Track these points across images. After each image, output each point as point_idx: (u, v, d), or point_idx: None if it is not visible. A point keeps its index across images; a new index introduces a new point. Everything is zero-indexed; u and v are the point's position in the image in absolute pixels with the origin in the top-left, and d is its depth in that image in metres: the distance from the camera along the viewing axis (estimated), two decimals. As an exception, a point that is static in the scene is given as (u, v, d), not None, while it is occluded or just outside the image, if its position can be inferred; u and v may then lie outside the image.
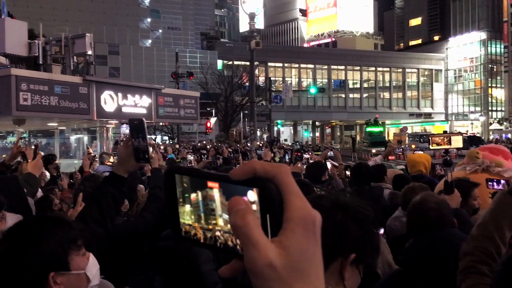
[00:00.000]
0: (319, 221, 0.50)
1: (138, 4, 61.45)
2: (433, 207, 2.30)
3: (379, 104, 70.64)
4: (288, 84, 47.51)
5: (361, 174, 4.60)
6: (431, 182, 4.44)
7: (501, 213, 1.60)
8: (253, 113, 28.39)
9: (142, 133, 1.83)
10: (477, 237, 1.62)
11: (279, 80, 62.95)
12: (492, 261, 1.52)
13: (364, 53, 73.35)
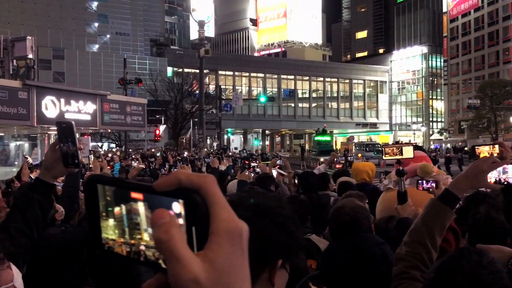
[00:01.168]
0: (246, 233, 0.49)
1: (85, 8, 59.72)
2: (348, 212, 2.37)
3: (327, 113, 72.17)
4: (238, 93, 47.63)
5: (308, 182, 4.64)
6: (375, 190, 4.53)
7: (432, 219, 1.62)
8: (202, 121, 28.16)
9: (71, 137, 1.75)
10: (409, 242, 1.63)
11: (230, 88, 63.00)
12: (424, 266, 1.54)
13: (313, 64, 74.89)
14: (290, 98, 69.71)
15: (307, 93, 71.64)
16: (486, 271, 1.19)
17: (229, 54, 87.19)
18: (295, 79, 70.13)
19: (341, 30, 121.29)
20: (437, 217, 1.63)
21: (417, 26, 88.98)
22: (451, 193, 1.65)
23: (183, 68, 53.84)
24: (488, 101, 52.06)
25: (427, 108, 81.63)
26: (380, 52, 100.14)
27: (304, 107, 71.09)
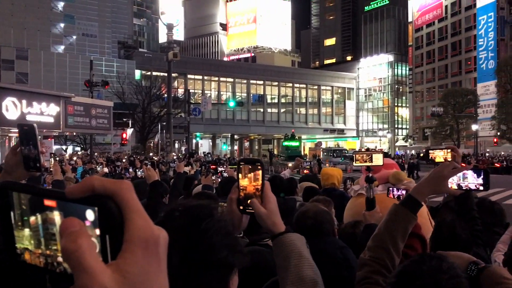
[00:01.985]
0: (164, 241, 0.48)
1: (50, 8, 58.30)
2: (310, 216, 2.42)
3: (295, 119, 72.74)
4: (207, 97, 47.40)
5: (276, 186, 4.62)
6: (342, 195, 4.56)
7: (395, 224, 1.63)
8: (170, 125, 27.91)
9: (33, 140, 1.68)
10: (372, 248, 1.64)
11: (199, 92, 62.68)
12: (387, 271, 1.54)
13: (282, 69, 75.44)
14: (259, 103, 69.94)
15: (276, 99, 72.06)
16: (446, 276, 1.20)
17: (198, 58, 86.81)
18: (264, 85, 70.42)
19: (310, 37, 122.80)
20: (400, 222, 1.63)
21: (383, 35, 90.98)
22: (413, 198, 1.66)
23: (152, 71, 53.23)
24: (450, 109, 53.62)
25: (393, 115, 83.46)
26: (348, 59, 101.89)
27: (273, 112, 71.45)
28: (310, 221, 2.42)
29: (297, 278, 1.29)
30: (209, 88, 66.58)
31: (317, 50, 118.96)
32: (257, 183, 1.34)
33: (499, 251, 2.77)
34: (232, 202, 1.36)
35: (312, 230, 2.39)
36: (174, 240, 0.89)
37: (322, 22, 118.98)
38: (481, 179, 1.85)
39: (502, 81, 47.63)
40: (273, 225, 1.35)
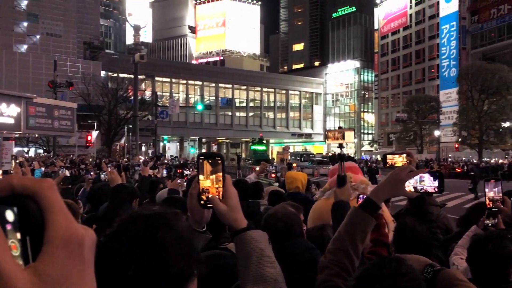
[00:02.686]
0: (90, 241, 0.46)
1: (13, 7, 56.63)
2: (280, 218, 2.44)
3: (264, 123, 73.01)
4: (175, 100, 47.00)
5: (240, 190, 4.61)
6: (306, 199, 4.59)
7: (354, 227, 1.66)
8: (136, 127, 27.54)
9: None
10: (333, 251, 1.66)
11: (166, 95, 62.15)
12: (347, 274, 1.56)
13: (251, 73, 75.65)
14: (228, 106, 69.88)
15: (245, 102, 72.18)
16: (404, 278, 1.21)
17: (166, 61, 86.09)
18: (232, 88, 70.43)
19: (278, 42, 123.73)
20: (359, 225, 1.66)
21: (350, 42, 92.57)
22: (371, 201, 1.69)
23: (118, 72, 52.38)
24: (414, 115, 54.97)
25: (359, 120, 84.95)
26: (315, 65, 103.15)
27: (241, 116, 71.52)
28: (281, 224, 2.42)
29: (258, 276, 1.27)
30: (177, 91, 66.10)
31: (286, 55, 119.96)
32: (217, 177, 1.32)
33: (456, 254, 2.84)
34: (192, 197, 1.34)
35: (282, 233, 2.40)
36: (128, 252, 0.92)
37: (290, 27, 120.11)
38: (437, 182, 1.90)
39: (463, 88, 49.08)
40: (235, 221, 1.32)
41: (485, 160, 43.50)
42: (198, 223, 1.37)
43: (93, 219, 4.15)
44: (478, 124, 46.29)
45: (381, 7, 77.10)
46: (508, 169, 36.85)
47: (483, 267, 2.13)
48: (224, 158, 1.39)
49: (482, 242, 2.23)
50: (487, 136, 46.67)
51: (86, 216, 4.61)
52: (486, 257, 2.13)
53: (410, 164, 2.11)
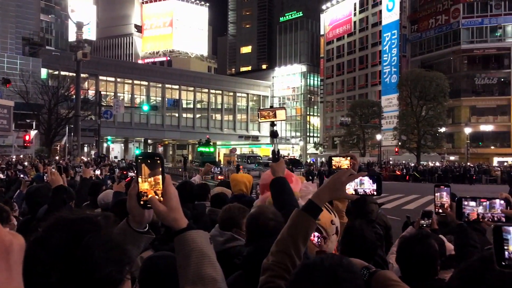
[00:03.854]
0: (18, 248, 0.45)
1: None
2: (271, 217, 2.47)
3: (211, 125, 72.76)
4: (119, 100, 45.87)
5: (186, 192, 4.59)
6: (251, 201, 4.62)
7: (297, 229, 1.69)
8: (77, 127, 26.65)
9: None
10: (275, 253, 1.69)
11: (111, 95, 60.63)
12: (289, 275, 1.60)
13: (198, 75, 75.20)
14: (174, 108, 69.06)
15: (192, 104, 71.63)
16: (342, 269, 1.26)
17: (111, 60, 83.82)
18: (179, 89, 69.71)
19: (226, 44, 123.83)
20: (301, 227, 1.69)
21: (297, 46, 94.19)
22: (314, 203, 1.73)
23: (60, 70, 50.41)
24: (358, 119, 56.65)
25: (305, 123, 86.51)
26: (263, 68, 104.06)
27: (188, 118, 70.92)
28: (272, 223, 2.45)
29: (197, 276, 1.26)
30: (122, 91, 64.61)
31: (234, 57, 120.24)
32: (157, 177, 1.31)
33: (393, 253, 2.95)
34: (131, 198, 1.33)
35: (274, 230, 2.37)
36: (53, 258, 0.91)
37: (238, 30, 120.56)
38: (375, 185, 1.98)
39: (403, 94, 51.06)
40: (174, 221, 1.31)
41: (422, 163, 45.56)
42: (139, 224, 1.36)
43: (29, 222, 3.99)
44: (417, 128, 48.33)
45: (327, 13, 78.99)
46: (443, 172, 38.81)
47: (411, 266, 2.23)
48: (163, 158, 1.38)
49: (408, 243, 2.34)
50: (424, 140, 48.80)
51: (23, 219, 4.42)
52: (413, 257, 2.23)
53: (354, 167, 2.19)
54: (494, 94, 53.57)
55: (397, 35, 62.53)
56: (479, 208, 2.20)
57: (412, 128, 48.84)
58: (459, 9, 55.03)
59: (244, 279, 2.33)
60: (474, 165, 41.64)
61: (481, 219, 2.18)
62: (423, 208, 2.89)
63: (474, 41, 54.71)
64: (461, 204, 2.19)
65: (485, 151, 51.51)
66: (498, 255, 1.09)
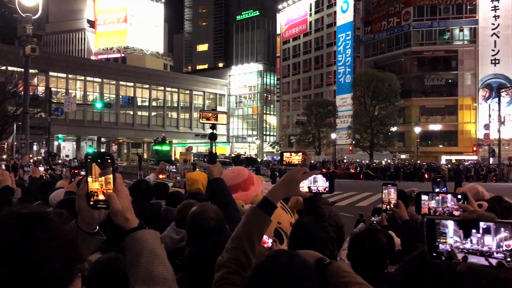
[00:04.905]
0: None
1: None
2: (213, 217, 2.50)
3: (167, 123, 71.87)
4: (71, 97, 44.49)
5: (142, 191, 4.52)
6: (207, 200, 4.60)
7: (252, 226, 1.72)
8: (26, 124, 25.65)
9: None
10: (230, 249, 1.70)
11: (62, 91, 58.81)
12: (244, 271, 1.62)
13: (154, 72, 74.06)
14: (129, 105, 67.74)
15: (147, 102, 70.49)
16: (296, 268, 1.28)
17: (62, 55, 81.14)
18: (134, 87, 68.42)
19: (183, 41, 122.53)
20: (256, 224, 1.72)
21: (254, 45, 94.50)
22: (269, 201, 1.76)
23: (7, 65, 48.24)
24: (313, 118, 57.51)
25: (261, 122, 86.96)
26: (220, 66, 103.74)
27: (143, 116, 69.74)
28: (214, 222, 2.47)
29: (147, 276, 1.25)
30: (74, 88, 62.72)
31: (190, 55, 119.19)
32: (108, 177, 1.29)
33: (345, 250, 3.03)
34: (81, 198, 1.30)
35: (215, 229, 2.45)
36: (0, 251, 0.90)
37: (195, 28, 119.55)
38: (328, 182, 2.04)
39: (357, 94, 52.23)
40: (126, 221, 1.30)
41: (375, 161, 46.80)
42: (89, 225, 1.33)
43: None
44: (370, 128, 49.59)
45: (283, 13, 79.69)
46: (395, 170, 40.05)
47: (362, 260, 2.30)
48: (114, 158, 1.36)
49: (359, 238, 2.41)
50: (377, 139, 50.16)
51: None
52: (363, 252, 2.31)
53: (305, 162, 2.24)
54: (442, 94, 55.75)
55: (351, 36, 63.89)
56: (431, 203, 2.29)
57: (365, 127, 50.02)
58: (410, 12, 56.88)
59: (187, 281, 2.31)
60: (424, 163, 43.18)
61: (433, 213, 2.27)
62: (375, 205, 2.99)
63: (424, 43, 56.71)
64: (420, 199, 2.28)
65: (434, 149, 53.53)
66: (430, 247, 1.12)
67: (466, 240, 1.08)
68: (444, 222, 1.11)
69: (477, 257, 1.06)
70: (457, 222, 1.11)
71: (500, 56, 52.57)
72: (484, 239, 1.05)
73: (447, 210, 2.25)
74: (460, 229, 1.09)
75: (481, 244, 1.06)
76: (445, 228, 1.10)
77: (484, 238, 1.05)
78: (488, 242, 1.05)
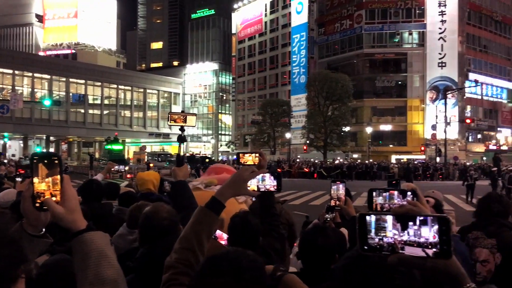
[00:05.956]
0: None
1: None
2: (165, 217, 2.48)
3: (119, 122, 70.29)
4: (18, 94, 42.69)
5: (92, 191, 4.43)
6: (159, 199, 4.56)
7: (200, 225, 1.71)
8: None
9: None
10: (179, 250, 1.69)
11: (8, 88, 56.53)
12: (193, 271, 1.62)
13: (106, 70, 72.24)
14: (80, 103, 65.75)
15: (99, 100, 68.64)
16: (247, 259, 1.30)
17: (8, 50, 77.71)
18: (86, 84, 66.48)
19: (136, 39, 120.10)
20: (205, 223, 1.72)
21: (209, 44, 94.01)
22: (217, 200, 1.77)
23: None
24: (268, 118, 57.89)
25: (217, 121, 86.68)
26: (174, 65, 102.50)
27: (95, 114, 67.86)
28: (166, 222, 2.45)
29: (96, 278, 1.22)
30: (20, 84, 60.27)
31: (144, 53, 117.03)
32: (55, 178, 1.26)
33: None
34: (25, 200, 1.26)
35: (168, 230, 2.44)
36: None
37: (149, 25, 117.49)
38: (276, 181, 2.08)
39: (311, 94, 52.97)
40: (73, 222, 1.27)
41: (329, 161, 47.69)
42: (34, 227, 1.29)
43: None
44: (324, 127, 50.46)
45: (239, 12, 79.75)
46: (348, 169, 40.98)
47: (313, 257, 2.36)
48: (61, 159, 1.32)
49: (310, 235, 2.47)
50: (330, 139, 51.11)
51: None
52: (314, 248, 2.36)
53: (261, 163, 2.26)
54: (392, 96, 57.52)
55: (305, 37, 64.74)
56: (378, 199, 2.37)
57: (319, 127, 50.82)
58: (362, 15, 58.34)
59: (138, 283, 2.29)
60: (375, 162, 44.42)
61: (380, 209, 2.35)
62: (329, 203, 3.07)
63: (375, 45, 58.31)
64: (372, 195, 2.35)
65: (384, 149, 55.15)
66: (362, 240, 1.17)
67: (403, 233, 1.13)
68: (383, 217, 1.16)
69: (414, 248, 1.12)
70: (395, 216, 1.15)
71: (446, 60, 54.84)
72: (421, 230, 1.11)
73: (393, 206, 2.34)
74: (398, 222, 1.14)
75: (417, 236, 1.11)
76: (385, 223, 1.15)
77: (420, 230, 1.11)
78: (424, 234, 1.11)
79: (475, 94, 57.91)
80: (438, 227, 1.09)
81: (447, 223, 1.09)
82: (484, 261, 2.95)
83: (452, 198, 22.02)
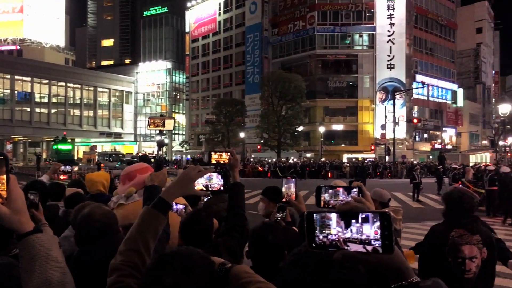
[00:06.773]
0: None
1: None
2: (99, 219, 2.47)
3: (68, 121, 68.09)
4: (-42, 91, 40.58)
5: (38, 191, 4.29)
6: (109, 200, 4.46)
7: (147, 227, 1.68)
8: None
9: None
10: (124, 252, 1.65)
11: None
12: (139, 273, 1.60)
13: (54, 67, 69.71)
14: (26, 101, 63.16)
15: (46, 98, 66.19)
16: (197, 256, 1.30)
17: None
18: (32, 82, 63.93)
19: (86, 35, 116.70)
20: (151, 224, 1.69)
21: (162, 42, 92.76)
22: (164, 200, 1.75)
23: None
24: (222, 117, 57.76)
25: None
26: (126, 63, 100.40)
27: (42, 113, 65.39)
28: (99, 224, 2.44)
29: (42, 281, 1.20)
30: (-39, 81, 57.20)
31: (94, 50, 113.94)
32: (1, 178, 1.23)
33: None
34: None
35: (102, 232, 2.44)
36: None
37: (99, 22, 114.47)
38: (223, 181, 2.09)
39: (265, 94, 53.30)
40: (20, 224, 1.24)
41: (282, 160, 48.19)
42: None
43: None
44: (277, 127, 50.90)
45: (192, 11, 79.12)
46: (301, 168, 41.58)
47: (262, 255, 2.38)
48: (8, 158, 1.29)
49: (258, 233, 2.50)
50: (284, 138, 51.63)
51: None
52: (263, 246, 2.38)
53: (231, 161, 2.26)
54: (344, 96, 58.83)
55: (259, 37, 65.09)
56: (325, 196, 2.43)
57: (273, 126, 51.21)
58: (314, 16, 59.30)
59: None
60: (327, 161, 45.28)
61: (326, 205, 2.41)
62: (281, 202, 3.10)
63: (327, 46, 59.42)
64: (320, 192, 2.40)
65: (336, 148, 56.34)
66: (310, 238, 1.19)
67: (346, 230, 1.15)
68: (328, 215, 1.17)
69: (357, 245, 1.14)
70: (339, 214, 1.17)
71: (395, 62, 56.70)
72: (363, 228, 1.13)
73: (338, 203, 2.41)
74: (342, 220, 1.16)
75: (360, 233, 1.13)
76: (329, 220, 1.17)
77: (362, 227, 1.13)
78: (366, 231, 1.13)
79: (421, 95, 60.25)
80: (380, 223, 1.11)
81: (388, 219, 1.10)
82: (473, 257, 3.08)
83: (400, 195, 22.81)
